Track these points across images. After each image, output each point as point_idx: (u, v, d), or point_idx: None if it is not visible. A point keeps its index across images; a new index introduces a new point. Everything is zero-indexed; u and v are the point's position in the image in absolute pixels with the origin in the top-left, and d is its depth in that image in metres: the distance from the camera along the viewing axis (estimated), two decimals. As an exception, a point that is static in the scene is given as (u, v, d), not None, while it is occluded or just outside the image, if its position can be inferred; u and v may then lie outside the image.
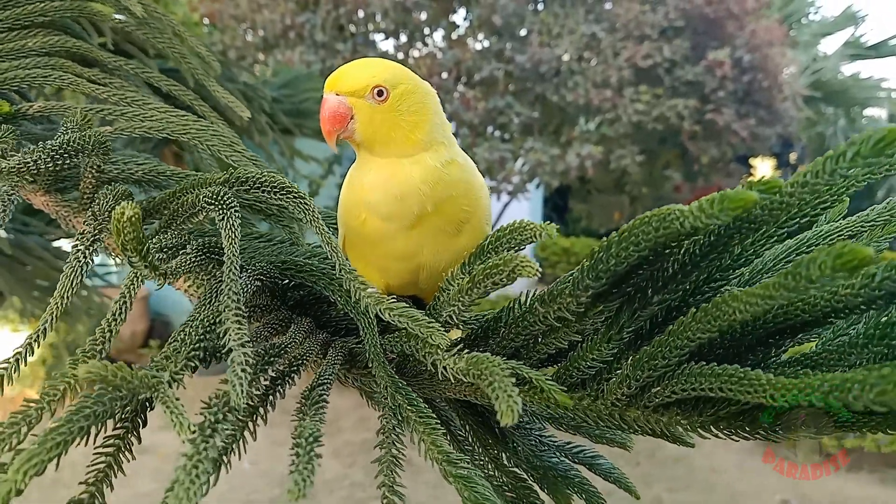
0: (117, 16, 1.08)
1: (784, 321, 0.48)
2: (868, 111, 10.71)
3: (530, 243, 0.57)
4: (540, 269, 0.51)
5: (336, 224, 0.77)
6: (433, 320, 0.56)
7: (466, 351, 0.54)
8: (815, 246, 0.56)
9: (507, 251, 0.59)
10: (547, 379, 0.54)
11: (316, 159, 2.55)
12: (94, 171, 0.77)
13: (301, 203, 0.66)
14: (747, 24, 7.05)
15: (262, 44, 6.87)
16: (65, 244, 2.00)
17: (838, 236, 0.56)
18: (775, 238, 0.49)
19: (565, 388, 0.60)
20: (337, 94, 0.66)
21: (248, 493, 4.19)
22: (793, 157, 11.39)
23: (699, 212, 0.41)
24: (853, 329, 0.53)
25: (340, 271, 0.60)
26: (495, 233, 0.60)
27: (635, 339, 0.56)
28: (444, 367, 0.55)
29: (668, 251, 0.49)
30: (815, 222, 0.51)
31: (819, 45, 10.72)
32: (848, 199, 0.48)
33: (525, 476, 0.71)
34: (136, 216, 0.48)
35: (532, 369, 0.56)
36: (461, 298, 0.58)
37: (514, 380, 0.47)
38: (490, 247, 0.60)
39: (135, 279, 0.58)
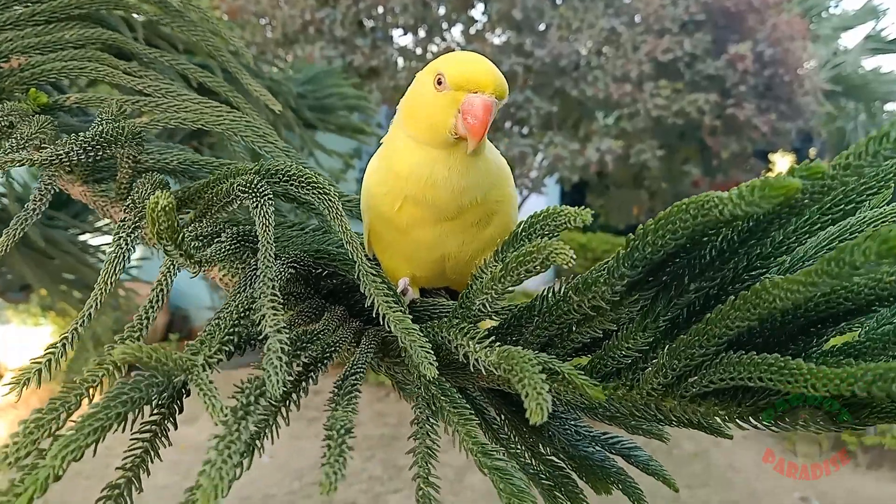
0: (149, 9, 1.09)
1: (826, 309, 0.47)
2: (889, 106, 10.56)
3: (565, 229, 0.56)
4: (574, 256, 0.50)
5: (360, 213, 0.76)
6: (428, 349, 0.54)
7: (498, 343, 0.54)
8: (859, 232, 0.54)
9: (541, 238, 0.58)
10: (579, 372, 0.53)
11: (338, 153, 2.57)
12: (130, 161, 0.78)
13: (326, 199, 0.65)
14: (768, 17, 6.99)
15: (282, 39, 6.89)
16: (90, 238, 2.02)
17: (882, 222, 0.54)
18: (818, 225, 0.48)
19: (599, 379, 0.59)
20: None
21: (266, 487, 4.22)
22: (812, 152, 11.25)
23: (739, 199, 0.40)
24: None
25: (359, 272, 0.60)
26: (528, 219, 0.59)
27: (671, 328, 0.55)
28: (476, 360, 0.55)
29: (705, 238, 0.48)
30: (858, 209, 0.50)
31: (840, 40, 10.60)
32: (892, 185, 0.47)
33: (563, 465, 0.70)
34: (170, 205, 0.48)
35: (565, 361, 0.55)
36: (494, 287, 0.57)
37: (544, 376, 0.46)
38: (523, 234, 0.58)
39: (171, 268, 0.58)
